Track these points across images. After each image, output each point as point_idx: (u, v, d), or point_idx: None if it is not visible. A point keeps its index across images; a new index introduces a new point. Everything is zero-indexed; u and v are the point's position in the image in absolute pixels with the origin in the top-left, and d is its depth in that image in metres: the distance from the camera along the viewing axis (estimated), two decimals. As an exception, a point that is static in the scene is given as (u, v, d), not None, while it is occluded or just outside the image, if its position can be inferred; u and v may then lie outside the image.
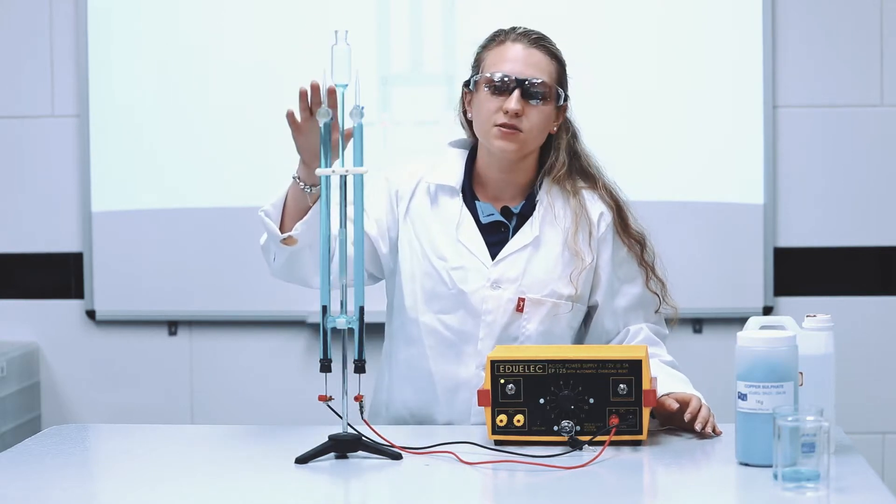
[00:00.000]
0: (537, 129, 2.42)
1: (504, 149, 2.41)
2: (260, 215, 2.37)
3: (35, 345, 3.99)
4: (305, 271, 2.40)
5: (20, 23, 3.94)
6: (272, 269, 2.44)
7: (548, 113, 2.43)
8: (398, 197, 2.49)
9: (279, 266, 2.41)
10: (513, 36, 2.45)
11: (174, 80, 3.89)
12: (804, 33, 3.83)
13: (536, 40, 2.44)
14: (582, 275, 2.44)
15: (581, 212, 2.46)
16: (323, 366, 2.11)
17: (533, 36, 2.44)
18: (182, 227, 3.90)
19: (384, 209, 2.49)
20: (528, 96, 2.40)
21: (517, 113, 2.38)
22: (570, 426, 2.15)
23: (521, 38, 2.44)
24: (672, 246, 3.63)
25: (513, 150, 2.41)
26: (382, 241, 2.49)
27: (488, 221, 2.46)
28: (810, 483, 1.85)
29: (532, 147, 2.44)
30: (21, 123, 3.96)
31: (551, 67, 2.43)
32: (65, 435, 2.34)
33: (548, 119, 2.44)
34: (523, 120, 2.40)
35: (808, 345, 2.05)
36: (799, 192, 3.85)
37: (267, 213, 2.36)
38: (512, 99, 2.39)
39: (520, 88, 2.39)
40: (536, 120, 2.41)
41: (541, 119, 2.42)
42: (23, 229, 3.98)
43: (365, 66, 3.71)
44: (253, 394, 3.94)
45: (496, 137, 2.41)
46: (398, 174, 2.52)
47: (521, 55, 2.42)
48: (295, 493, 1.96)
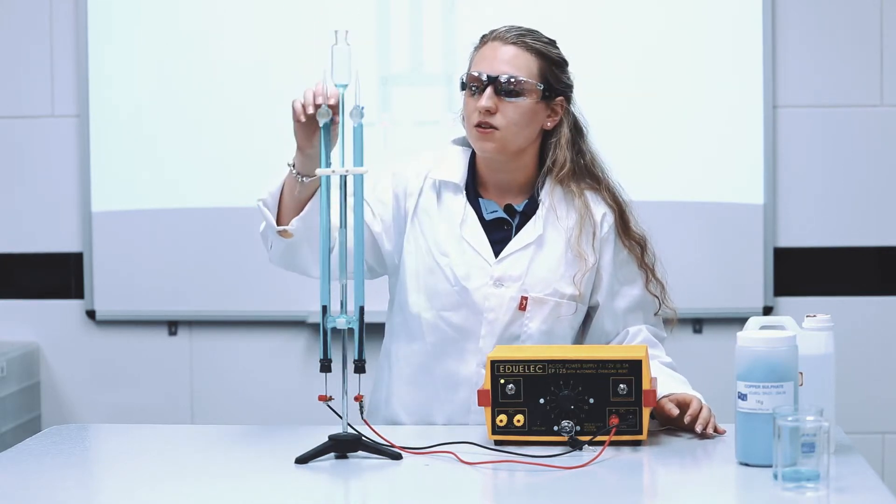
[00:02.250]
0: (515, 125, 2.40)
1: (483, 148, 2.41)
2: (258, 205, 2.37)
3: (35, 345, 3.99)
4: (304, 262, 2.40)
5: (20, 23, 3.94)
6: (270, 257, 2.44)
7: (526, 108, 2.41)
8: (406, 193, 2.48)
9: (277, 255, 2.41)
10: (492, 36, 2.45)
11: (174, 79, 3.89)
12: (804, 33, 3.83)
13: (517, 37, 2.43)
14: (585, 276, 2.44)
15: (585, 213, 2.45)
16: (323, 366, 2.11)
17: (513, 33, 2.43)
18: (182, 227, 3.90)
19: (390, 205, 2.48)
20: (501, 93, 2.39)
21: (489, 110, 2.38)
22: (570, 426, 2.15)
23: (499, 37, 2.43)
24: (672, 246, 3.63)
25: (491, 148, 2.41)
26: (387, 237, 2.48)
27: (492, 218, 2.46)
28: (810, 483, 1.85)
29: (515, 145, 2.43)
30: (21, 123, 3.96)
31: (530, 63, 2.42)
32: (65, 435, 2.34)
33: (528, 114, 2.42)
34: (497, 117, 2.39)
35: (808, 345, 2.05)
36: (799, 192, 3.85)
37: (265, 203, 2.36)
38: (483, 96, 2.39)
39: (492, 86, 2.39)
40: (513, 116, 2.40)
41: (518, 115, 2.40)
42: (23, 229, 3.98)
43: (365, 66, 3.71)
44: (253, 394, 3.94)
45: (476, 138, 2.42)
46: (405, 170, 2.51)
47: (497, 53, 2.41)
48: (295, 493, 1.96)
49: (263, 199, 2.36)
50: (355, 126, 2.11)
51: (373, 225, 2.46)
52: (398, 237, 2.49)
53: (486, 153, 2.42)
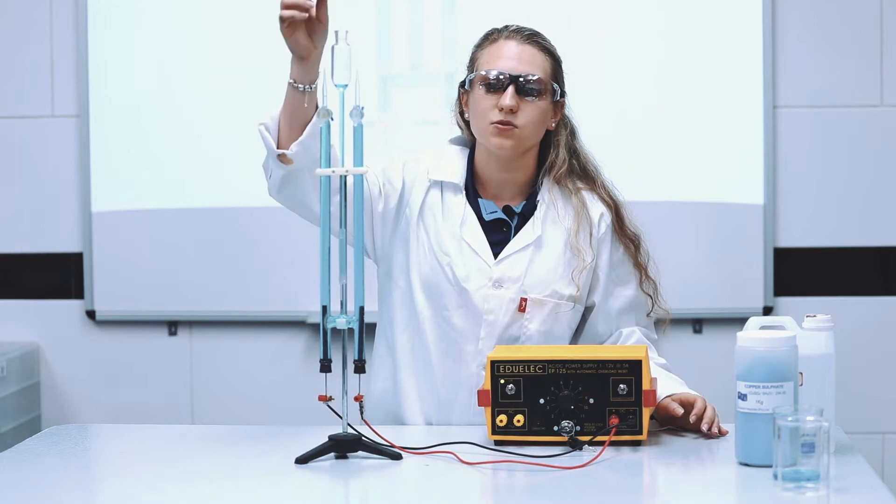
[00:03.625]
0: (533, 124, 2.42)
1: (501, 145, 2.41)
2: (259, 129, 2.34)
3: (35, 345, 3.99)
4: (304, 193, 2.37)
5: (20, 23, 3.94)
6: (269, 188, 2.41)
7: (543, 109, 2.43)
8: (414, 185, 2.47)
9: (276, 184, 2.37)
10: (506, 34, 2.46)
11: (174, 80, 3.89)
12: (804, 33, 3.83)
13: (529, 36, 2.45)
14: (583, 274, 2.44)
15: (582, 210, 2.46)
16: (323, 366, 2.11)
17: (526, 32, 2.45)
18: (182, 227, 3.90)
19: (398, 190, 2.47)
20: (523, 92, 2.40)
21: (512, 109, 2.39)
22: (570, 426, 2.15)
23: (515, 34, 2.45)
24: (672, 246, 3.65)
25: (509, 146, 2.41)
26: (383, 221, 2.47)
27: (491, 219, 2.46)
28: (810, 483, 1.85)
29: (529, 143, 2.45)
30: (21, 123, 3.96)
31: (546, 63, 2.44)
32: (65, 435, 2.34)
33: (544, 115, 2.44)
34: (518, 116, 2.40)
35: (808, 345, 2.05)
36: (799, 193, 3.85)
37: (266, 127, 2.34)
38: (507, 95, 2.39)
39: (514, 85, 2.40)
40: (532, 115, 2.41)
41: (536, 115, 2.42)
42: (23, 229, 3.98)
43: (365, 66, 3.71)
44: (253, 394, 3.94)
45: (492, 135, 2.41)
46: (417, 165, 2.50)
47: (515, 52, 2.42)
48: (295, 493, 1.96)
49: (265, 122, 2.34)
50: (355, 126, 2.11)
51: (377, 204, 2.46)
52: (393, 225, 2.48)
53: (504, 151, 2.42)
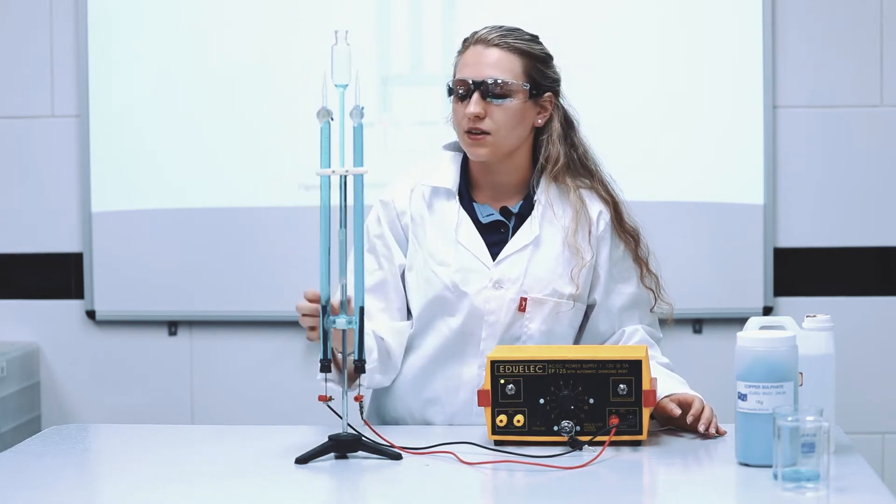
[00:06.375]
0: (506, 127, 2.41)
1: (476, 154, 2.42)
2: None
3: (35, 345, 3.99)
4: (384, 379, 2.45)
5: (20, 23, 3.93)
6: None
7: (515, 109, 2.41)
8: (399, 214, 2.48)
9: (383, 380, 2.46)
10: (473, 40, 2.45)
11: (174, 80, 3.89)
12: (804, 33, 3.82)
13: (499, 38, 2.43)
14: (582, 272, 2.44)
15: (581, 208, 2.46)
16: (323, 366, 2.11)
17: (494, 35, 2.43)
18: (182, 227, 3.90)
19: (397, 240, 2.48)
20: (489, 97, 2.40)
21: (478, 115, 2.39)
22: (570, 426, 2.15)
23: (480, 40, 2.44)
24: (672, 246, 3.65)
25: (484, 153, 2.41)
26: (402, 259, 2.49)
27: (488, 222, 2.46)
28: (810, 483, 1.85)
29: (507, 146, 2.43)
30: (21, 123, 3.96)
31: (514, 63, 2.42)
32: (65, 435, 2.34)
33: (518, 115, 2.42)
34: (487, 121, 2.40)
35: (808, 345, 2.05)
36: (799, 193, 3.85)
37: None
38: (471, 103, 2.39)
39: (478, 91, 2.40)
40: (503, 119, 2.40)
41: (508, 117, 2.41)
42: (23, 229, 3.98)
43: (365, 66, 3.71)
44: (253, 394, 3.94)
45: (467, 145, 2.43)
46: (392, 194, 2.51)
47: (478, 58, 2.42)
48: (295, 493, 1.96)
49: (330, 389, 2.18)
50: (355, 126, 2.11)
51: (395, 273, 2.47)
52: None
53: (480, 158, 2.43)
